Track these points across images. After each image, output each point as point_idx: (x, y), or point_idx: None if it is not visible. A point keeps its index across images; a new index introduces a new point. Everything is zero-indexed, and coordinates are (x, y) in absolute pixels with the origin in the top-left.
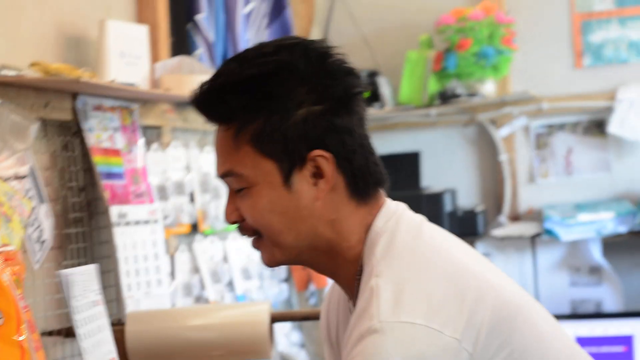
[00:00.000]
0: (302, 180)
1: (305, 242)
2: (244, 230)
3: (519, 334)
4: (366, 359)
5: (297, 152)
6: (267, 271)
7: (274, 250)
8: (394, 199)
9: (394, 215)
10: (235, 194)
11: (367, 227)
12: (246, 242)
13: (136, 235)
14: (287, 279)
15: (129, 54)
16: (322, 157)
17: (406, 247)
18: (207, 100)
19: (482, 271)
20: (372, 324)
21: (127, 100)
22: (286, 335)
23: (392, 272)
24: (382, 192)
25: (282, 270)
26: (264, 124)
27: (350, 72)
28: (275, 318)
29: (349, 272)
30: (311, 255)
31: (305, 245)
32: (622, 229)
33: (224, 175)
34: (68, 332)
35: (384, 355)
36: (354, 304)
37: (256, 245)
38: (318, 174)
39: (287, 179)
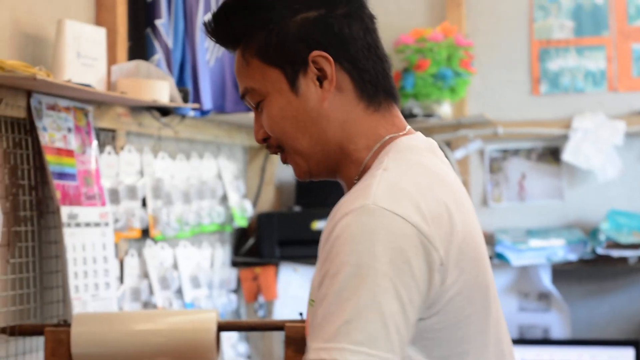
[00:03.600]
0: (307, 83)
1: (319, 146)
2: (271, 147)
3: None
4: (351, 234)
5: (298, 56)
6: (217, 281)
7: (298, 159)
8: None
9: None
10: (258, 114)
11: (378, 137)
12: (196, 250)
13: (86, 237)
14: (236, 290)
15: (86, 55)
16: (322, 57)
17: (419, 161)
18: (214, 30)
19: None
20: (366, 203)
21: (82, 102)
22: (233, 346)
23: (399, 171)
24: (397, 111)
25: (231, 280)
26: (265, 36)
27: None
28: (222, 327)
29: (350, 172)
30: (327, 164)
31: (319, 151)
32: (572, 256)
33: (243, 95)
34: (13, 331)
35: (368, 236)
36: None
37: (284, 159)
38: (322, 77)
39: (293, 84)
